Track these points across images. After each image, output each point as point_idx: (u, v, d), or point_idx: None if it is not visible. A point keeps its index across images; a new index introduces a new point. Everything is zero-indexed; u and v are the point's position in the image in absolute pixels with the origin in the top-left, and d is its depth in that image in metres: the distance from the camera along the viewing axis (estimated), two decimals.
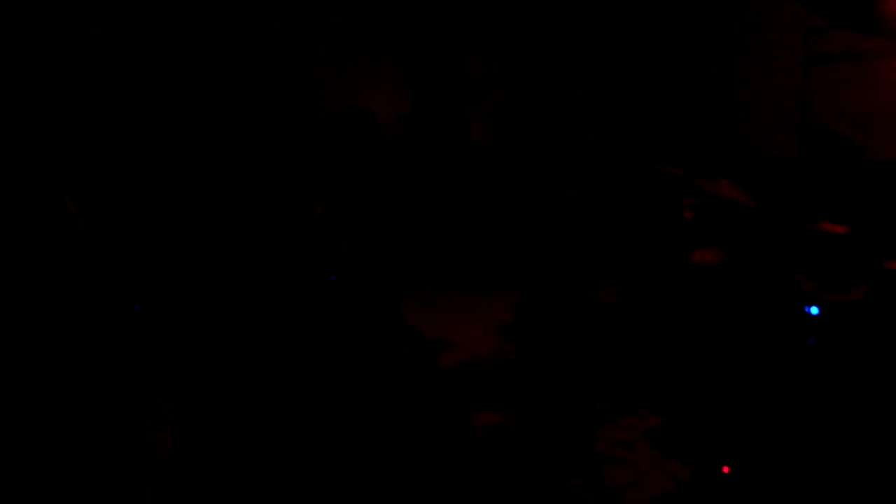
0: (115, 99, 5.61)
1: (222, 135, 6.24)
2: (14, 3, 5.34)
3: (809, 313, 3.56)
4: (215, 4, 6.20)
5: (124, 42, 5.84)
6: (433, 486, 1.75)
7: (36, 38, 5.45)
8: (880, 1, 5.09)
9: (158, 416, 3.79)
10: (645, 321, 4.64)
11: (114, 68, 5.71)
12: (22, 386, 4.35)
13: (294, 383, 1.71)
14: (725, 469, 3.60)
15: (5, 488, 3.47)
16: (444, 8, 7.01)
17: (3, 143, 5.04)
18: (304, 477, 1.70)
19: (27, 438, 3.91)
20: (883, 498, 3.32)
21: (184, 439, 1.72)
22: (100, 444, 3.95)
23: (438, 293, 5.54)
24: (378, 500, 1.75)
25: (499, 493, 3.48)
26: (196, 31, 6.15)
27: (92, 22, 5.66)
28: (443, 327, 4.91)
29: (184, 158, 5.81)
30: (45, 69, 5.43)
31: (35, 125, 5.17)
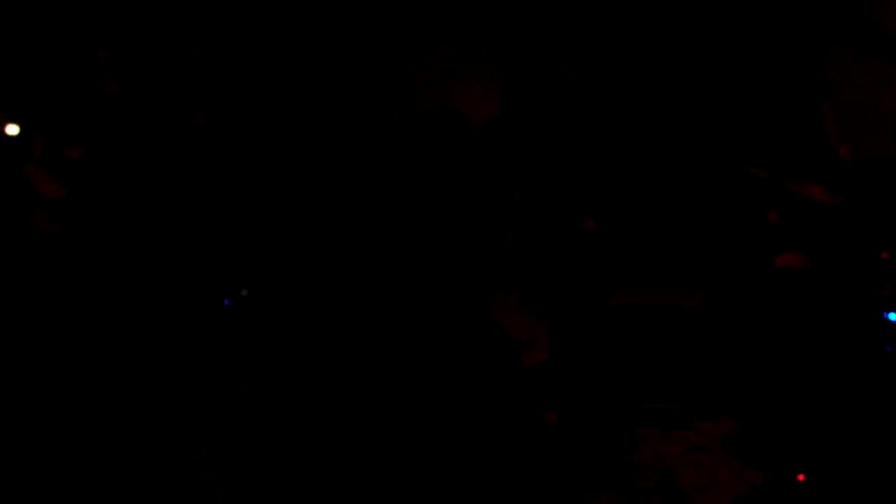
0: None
1: (317, 129, 6.40)
2: None
3: (889, 320, 3.47)
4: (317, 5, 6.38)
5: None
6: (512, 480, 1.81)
7: None
8: None
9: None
10: (727, 325, 4.58)
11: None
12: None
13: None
14: (801, 477, 3.55)
15: None
16: (540, 10, 7.02)
17: None
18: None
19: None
20: None
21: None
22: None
23: (510, 294, 5.55)
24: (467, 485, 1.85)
25: (570, 492, 3.51)
26: (299, 30, 6.34)
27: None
28: (521, 328, 4.93)
29: (280, 150, 5.98)
30: None
31: None
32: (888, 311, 3.46)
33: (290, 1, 6.21)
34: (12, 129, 4.56)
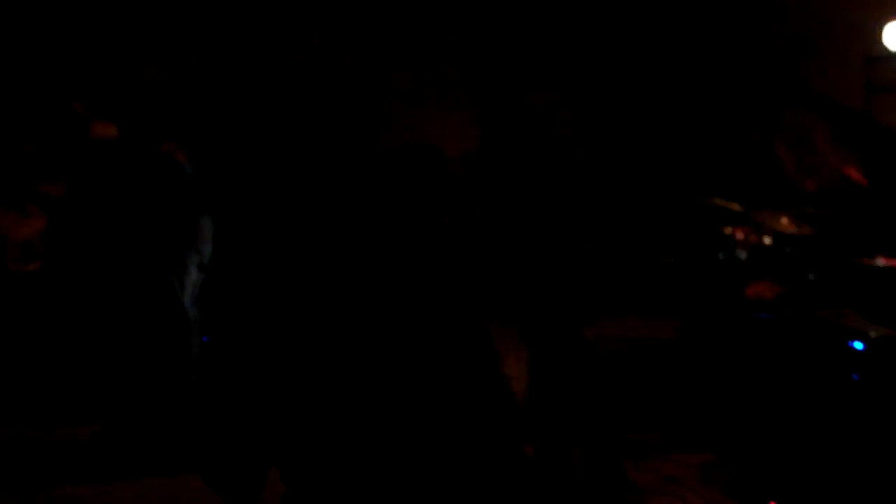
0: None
1: (294, 166, 6.45)
2: None
3: (853, 348, 3.52)
4: (293, 40, 6.44)
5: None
6: None
7: None
8: None
9: None
10: (701, 355, 4.63)
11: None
12: None
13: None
14: None
15: None
16: (513, 41, 7.09)
17: None
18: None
19: None
20: None
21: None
22: None
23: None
24: None
25: None
26: (273, 64, 6.39)
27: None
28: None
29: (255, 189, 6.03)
30: None
31: None
32: (853, 340, 3.51)
33: (265, 40, 6.28)
34: None
